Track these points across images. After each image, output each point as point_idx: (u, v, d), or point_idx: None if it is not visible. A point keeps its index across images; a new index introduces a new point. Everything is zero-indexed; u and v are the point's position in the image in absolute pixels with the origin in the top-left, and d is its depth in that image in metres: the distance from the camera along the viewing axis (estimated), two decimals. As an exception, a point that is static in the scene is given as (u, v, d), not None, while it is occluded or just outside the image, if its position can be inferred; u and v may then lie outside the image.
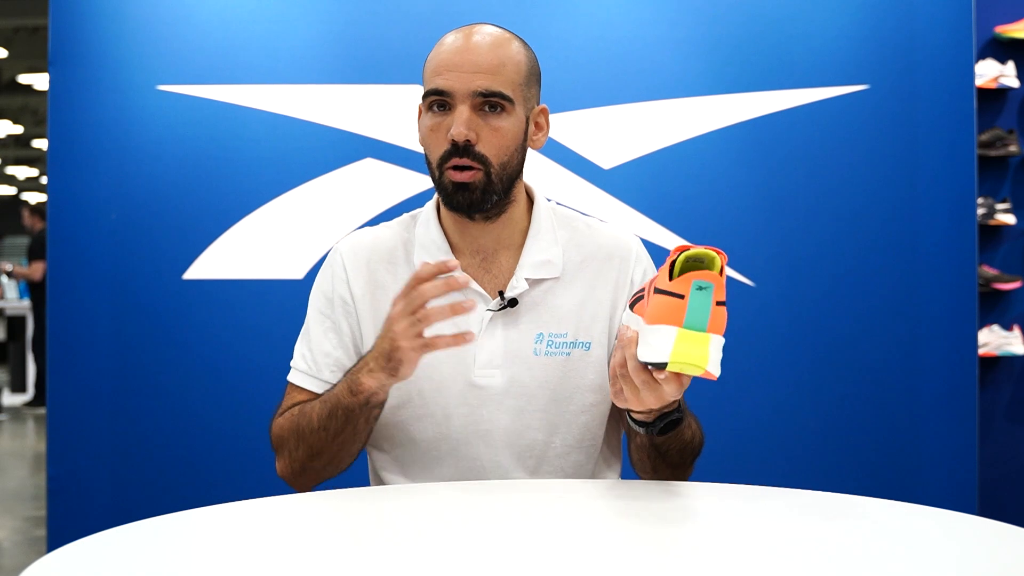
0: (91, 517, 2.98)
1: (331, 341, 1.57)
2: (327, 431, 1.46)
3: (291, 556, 1.06)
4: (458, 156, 1.47)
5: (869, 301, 3.10)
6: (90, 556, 1.05)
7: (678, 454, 1.48)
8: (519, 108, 1.51)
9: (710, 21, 3.12)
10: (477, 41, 1.49)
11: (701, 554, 1.07)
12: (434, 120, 1.50)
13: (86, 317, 3.06)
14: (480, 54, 1.48)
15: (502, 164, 1.49)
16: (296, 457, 1.51)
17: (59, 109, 3.07)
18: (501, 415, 1.53)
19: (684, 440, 1.47)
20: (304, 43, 3.11)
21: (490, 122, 1.48)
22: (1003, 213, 3.65)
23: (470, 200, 1.49)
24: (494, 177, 1.49)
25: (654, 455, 1.47)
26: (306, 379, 1.58)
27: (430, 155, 1.51)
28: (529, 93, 1.54)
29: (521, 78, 1.51)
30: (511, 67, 1.49)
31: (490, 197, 1.50)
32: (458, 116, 1.47)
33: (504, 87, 1.48)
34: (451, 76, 1.47)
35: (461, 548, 1.09)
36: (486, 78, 1.47)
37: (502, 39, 1.51)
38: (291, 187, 3.09)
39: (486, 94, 1.47)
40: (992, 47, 3.67)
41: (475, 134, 1.47)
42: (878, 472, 3.09)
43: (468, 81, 1.47)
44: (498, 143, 1.49)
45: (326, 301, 1.59)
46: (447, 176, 1.49)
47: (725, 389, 3.07)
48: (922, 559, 1.05)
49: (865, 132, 3.11)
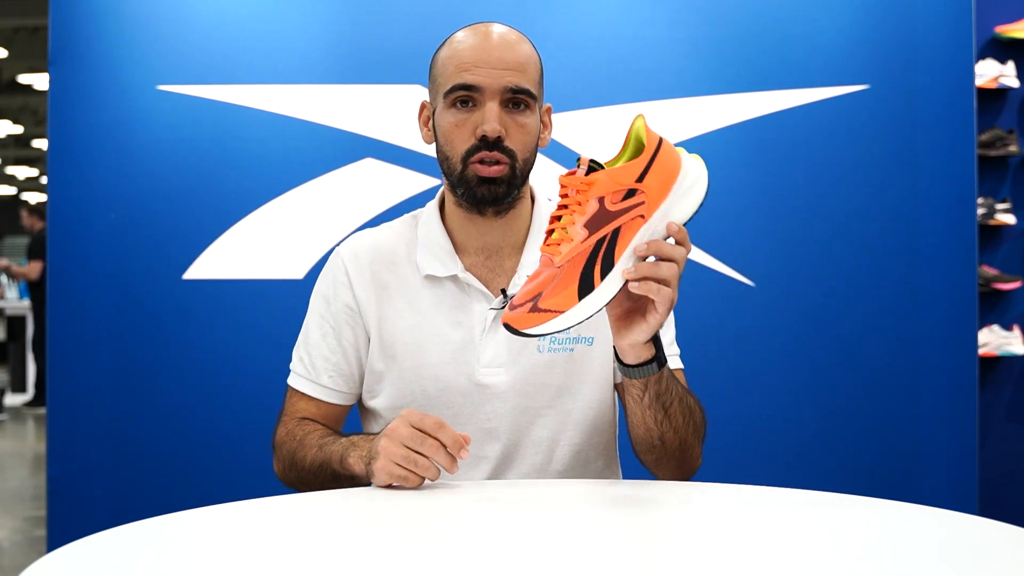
0: (91, 517, 2.98)
1: (329, 346, 1.57)
2: (316, 476, 1.50)
3: (291, 556, 1.06)
4: (488, 150, 1.48)
5: (869, 301, 3.10)
6: (90, 556, 1.05)
7: (681, 412, 1.43)
8: (538, 105, 1.54)
9: (710, 21, 3.13)
10: (499, 38, 1.51)
11: (701, 554, 1.07)
12: (459, 116, 1.50)
13: (86, 317, 3.06)
14: (507, 51, 1.50)
15: (525, 160, 1.52)
16: (288, 476, 1.57)
17: (59, 109, 3.07)
18: (506, 412, 1.53)
19: (679, 389, 1.44)
20: (304, 43, 3.11)
21: (516, 119, 1.50)
22: (1003, 213, 3.65)
23: (496, 193, 1.50)
24: (518, 171, 1.51)
25: (660, 415, 1.42)
26: (305, 383, 1.59)
27: (452, 150, 1.51)
28: (541, 91, 1.56)
29: (539, 76, 1.54)
30: (532, 65, 1.52)
31: (513, 191, 1.52)
32: (489, 112, 1.48)
33: (530, 84, 1.50)
34: (480, 72, 1.48)
35: (461, 548, 1.09)
36: (515, 75, 1.49)
37: (518, 38, 1.53)
38: (291, 187, 3.09)
39: (516, 90, 1.49)
40: (992, 47, 3.67)
41: (504, 130, 1.49)
42: (878, 472, 3.09)
43: (498, 77, 1.48)
44: (524, 139, 1.51)
45: (327, 306, 1.59)
46: (473, 170, 1.49)
47: (725, 389, 3.08)
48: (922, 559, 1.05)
49: (865, 132, 3.11)
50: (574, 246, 1.23)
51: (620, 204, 1.24)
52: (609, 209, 1.24)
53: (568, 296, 1.22)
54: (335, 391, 1.59)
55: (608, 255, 1.23)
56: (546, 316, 1.21)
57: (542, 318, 1.21)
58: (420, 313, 1.55)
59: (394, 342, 1.55)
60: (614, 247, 1.24)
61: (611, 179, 1.24)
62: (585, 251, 1.23)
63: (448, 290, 1.55)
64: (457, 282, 1.55)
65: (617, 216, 1.24)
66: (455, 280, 1.55)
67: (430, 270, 1.55)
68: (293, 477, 1.54)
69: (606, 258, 1.23)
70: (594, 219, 1.23)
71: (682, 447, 1.48)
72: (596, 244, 1.23)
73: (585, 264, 1.23)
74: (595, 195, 1.24)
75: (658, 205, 1.26)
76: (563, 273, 1.23)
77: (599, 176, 1.24)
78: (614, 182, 1.24)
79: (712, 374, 3.04)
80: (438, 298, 1.55)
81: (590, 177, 1.24)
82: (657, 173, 1.26)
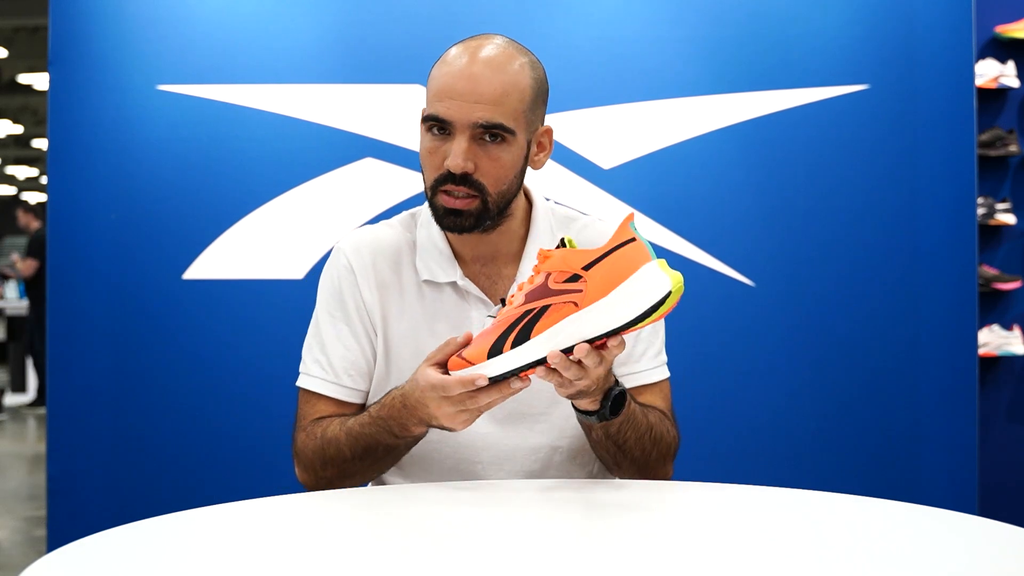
0: (91, 517, 2.98)
1: (345, 343, 1.54)
2: (363, 461, 1.46)
3: (291, 556, 1.06)
4: (454, 184, 1.44)
5: (869, 301, 3.10)
6: (90, 556, 1.05)
7: (637, 445, 1.44)
8: (520, 135, 1.46)
9: (710, 21, 3.12)
10: (481, 66, 1.43)
11: (700, 554, 1.07)
12: (432, 143, 1.46)
13: (86, 317, 3.06)
14: (482, 82, 1.42)
15: (500, 193, 1.47)
16: (323, 475, 1.49)
17: (59, 109, 3.07)
18: (502, 419, 1.52)
19: (639, 427, 1.43)
20: (304, 43, 3.11)
21: (489, 152, 1.44)
22: (1003, 213, 3.65)
23: (461, 225, 1.46)
24: (491, 204, 1.46)
25: (613, 449, 1.44)
26: (326, 386, 1.53)
27: (425, 176, 1.49)
28: (533, 116, 1.48)
29: (525, 105, 1.46)
30: (515, 95, 1.44)
31: (483, 222, 1.47)
32: (456, 147, 1.42)
33: (505, 118, 1.43)
34: (452, 105, 1.42)
35: (461, 548, 1.09)
36: (487, 109, 1.42)
37: (508, 60, 1.45)
38: (291, 187, 3.09)
39: (486, 126, 1.42)
40: (992, 47, 3.67)
41: (473, 164, 1.43)
42: (878, 472, 3.09)
43: (468, 112, 1.42)
44: (496, 173, 1.45)
45: (337, 303, 1.55)
46: (440, 199, 1.46)
47: (725, 389, 3.08)
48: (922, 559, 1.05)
49: (865, 132, 3.11)
50: (508, 310, 1.28)
51: (561, 285, 1.25)
52: (550, 287, 1.26)
53: (480, 352, 1.28)
54: (356, 391, 1.54)
55: (526, 328, 1.26)
56: (462, 364, 1.29)
57: (460, 365, 1.29)
58: (419, 317, 1.53)
59: (394, 344, 1.54)
60: (535, 323, 1.25)
61: (563, 259, 1.25)
62: (511, 318, 1.27)
63: (447, 296, 1.54)
64: (456, 288, 1.54)
65: (553, 295, 1.25)
66: (454, 286, 1.54)
67: (429, 275, 1.54)
68: (332, 474, 1.48)
69: (523, 330, 1.26)
70: (535, 291, 1.27)
71: (641, 471, 1.49)
72: (523, 315, 1.26)
73: (505, 329, 1.27)
74: (547, 269, 1.26)
75: (595, 300, 1.22)
76: (489, 330, 1.29)
77: (556, 253, 1.26)
78: (564, 263, 1.25)
79: (712, 374, 3.05)
80: (437, 303, 1.54)
81: (549, 251, 1.27)
82: (607, 267, 1.22)
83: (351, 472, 1.48)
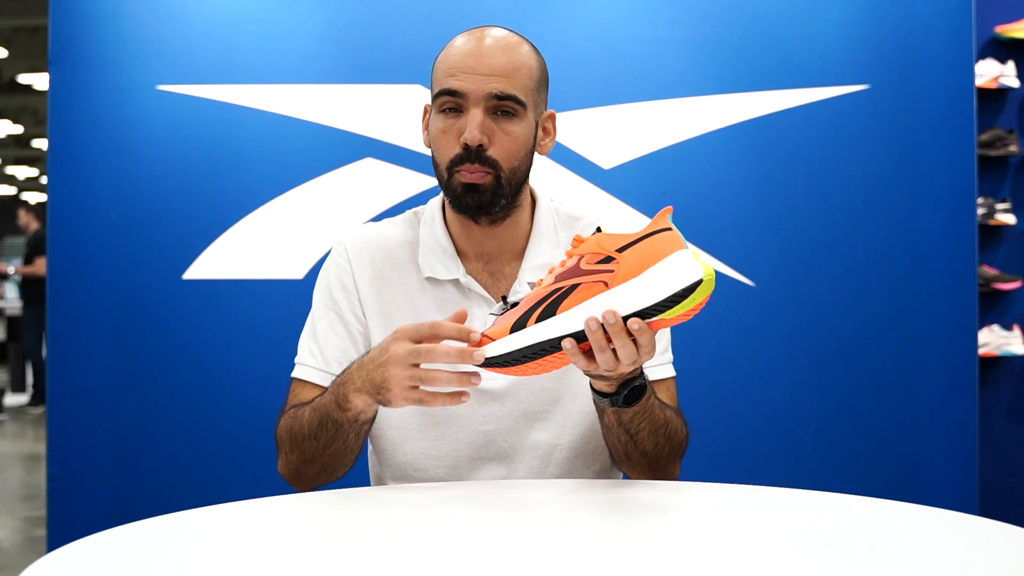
0: (91, 517, 2.98)
1: (337, 333, 1.55)
2: (318, 440, 1.44)
3: (291, 556, 1.06)
4: (470, 161, 1.46)
5: (869, 301, 3.10)
6: (90, 556, 1.05)
7: (651, 438, 1.44)
8: (530, 113, 1.50)
9: (710, 21, 3.13)
10: (491, 44, 1.48)
11: (700, 554, 1.07)
12: (446, 122, 1.48)
13: (86, 317, 3.06)
14: (495, 57, 1.47)
15: (512, 169, 1.49)
16: (291, 460, 1.49)
17: (59, 109, 3.07)
18: (503, 416, 1.53)
19: (655, 421, 1.43)
20: (304, 43, 3.11)
21: (502, 126, 1.47)
22: (1003, 213, 3.65)
23: (480, 201, 1.48)
24: (504, 181, 1.48)
25: (625, 438, 1.44)
26: (315, 374, 1.54)
27: (439, 157, 1.50)
28: (539, 98, 1.53)
29: (533, 83, 1.50)
30: (524, 71, 1.49)
31: (499, 200, 1.49)
32: (471, 119, 1.46)
33: (518, 91, 1.47)
34: (465, 78, 1.46)
35: (461, 548, 1.09)
36: (500, 81, 1.46)
37: (515, 42, 1.51)
38: (291, 187, 3.09)
39: (500, 97, 1.46)
40: (992, 47, 3.67)
41: (487, 138, 1.46)
42: (878, 472, 3.09)
43: (483, 83, 1.46)
44: (510, 147, 1.48)
45: (330, 294, 1.57)
46: (457, 177, 1.48)
47: (725, 389, 3.08)
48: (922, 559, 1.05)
49: (865, 132, 3.11)
50: (536, 291, 1.27)
51: (593, 266, 1.24)
52: (582, 267, 1.25)
53: (503, 329, 1.26)
54: None
55: (552, 305, 1.25)
56: (484, 342, 1.27)
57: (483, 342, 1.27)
58: (420, 314, 1.54)
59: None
60: (562, 300, 1.24)
61: (597, 243, 1.25)
62: (538, 295, 1.26)
63: (449, 293, 1.55)
64: (459, 286, 1.55)
65: (583, 275, 1.24)
66: (456, 284, 1.55)
67: (432, 272, 1.55)
68: (296, 459, 1.47)
69: (549, 307, 1.25)
70: (566, 272, 1.26)
71: (652, 466, 1.49)
72: (551, 292, 1.25)
73: (531, 307, 1.26)
74: (580, 252, 1.26)
75: (626, 280, 1.22)
76: (515, 309, 1.27)
77: (591, 237, 1.26)
78: (598, 245, 1.25)
79: (712, 374, 3.05)
80: (439, 301, 1.54)
81: (585, 238, 1.27)
82: (641, 250, 1.22)
83: (309, 455, 1.45)
